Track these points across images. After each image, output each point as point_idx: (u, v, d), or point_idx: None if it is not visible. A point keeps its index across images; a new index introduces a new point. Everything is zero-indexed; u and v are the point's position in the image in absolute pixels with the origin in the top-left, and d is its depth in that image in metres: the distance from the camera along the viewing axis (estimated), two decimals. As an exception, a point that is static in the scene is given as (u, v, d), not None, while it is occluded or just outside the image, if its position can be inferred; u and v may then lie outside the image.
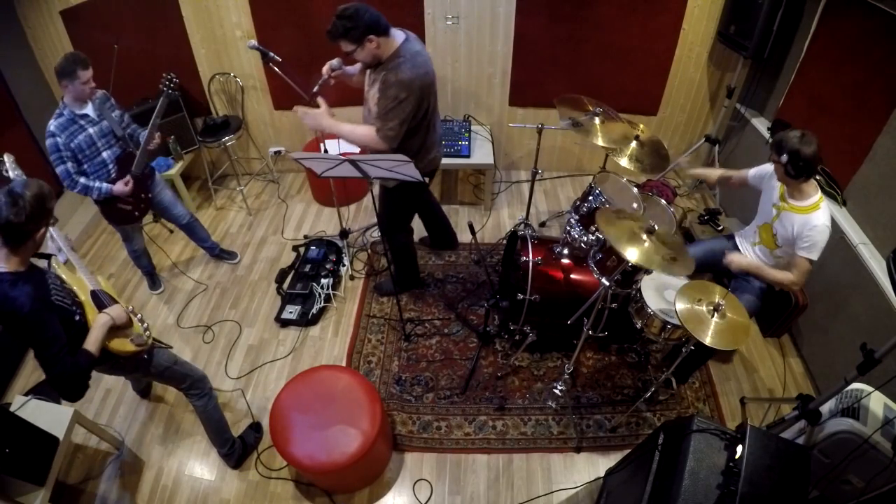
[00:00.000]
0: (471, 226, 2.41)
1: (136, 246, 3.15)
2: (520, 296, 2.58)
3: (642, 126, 3.04)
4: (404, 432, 2.64)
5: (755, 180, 2.50)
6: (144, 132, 2.74)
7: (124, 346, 1.85)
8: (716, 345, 1.97)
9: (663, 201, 3.00)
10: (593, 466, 2.50)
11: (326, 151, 3.20)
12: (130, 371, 2.13)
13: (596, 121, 2.78)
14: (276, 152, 4.30)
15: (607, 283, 2.26)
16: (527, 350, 2.89)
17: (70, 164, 2.56)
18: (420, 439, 2.62)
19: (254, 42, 2.70)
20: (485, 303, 3.03)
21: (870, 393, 1.89)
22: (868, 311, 2.42)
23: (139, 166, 2.77)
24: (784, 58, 3.29)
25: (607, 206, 2.61)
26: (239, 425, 2.66)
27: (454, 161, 3.69)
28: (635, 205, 2.71)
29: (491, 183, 3.95)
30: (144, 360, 2.05)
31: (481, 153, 3.77)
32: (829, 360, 2.70)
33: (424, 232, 3.57)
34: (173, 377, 2.21)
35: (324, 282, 3.32)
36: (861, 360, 1.73)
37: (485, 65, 3.77)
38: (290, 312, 3.19)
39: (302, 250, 3.67)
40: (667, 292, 2.39)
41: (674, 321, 2.17)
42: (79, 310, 1.79)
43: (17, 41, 3.56)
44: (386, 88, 2.25)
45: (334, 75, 2.47)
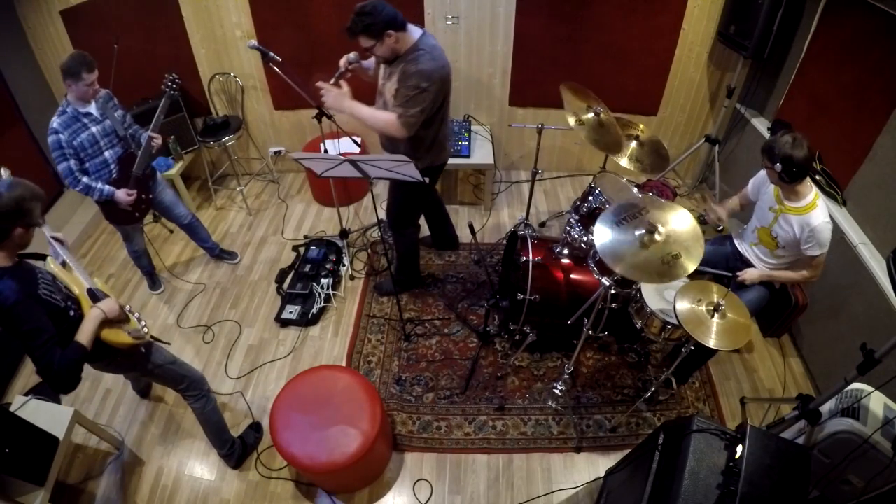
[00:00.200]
0: (471, 226, 2.41)
1: (136, 246, 3.15)
2: (520, 296, 2.58)
3: (642, 126, 3.04)
4: (404, 432, 2.64)
5: (754, 193, 2.51)
6: (146, 133, 2.74)
7: (121, 338, 1.85)
8: (717, 346, 1.97)
9: (663, 201, 2.99)
10: (593, 466, 2.51)
11: (326, 151, 3.20)
12: (129, 368, 2.13)
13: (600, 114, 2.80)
14: (276, 152, 4.30)
15: (607, 283, 2.26)
16: (527, 350, 2.89)
17: (72, 161, 2.56)
18: (420, 439, 2.62)
19: (254, 42, 2.70)
20: (485, 303, 3.04)
21: (870, 393, 1.89)
22: (868, 311, 2.43)
23: (140, 166, 2.77)
24: (784, 58, 3.29)
25: (607, 206, 2.61)
26: (239, 425, 2.66)
27: (454, 161, 3.69)
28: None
29: (491, 183, 3.95)
30: (142, 354, 2.06)
31: (481, 153, 3.77)
32: (829, 360, 2.70)
33: (425, 231, 3.56)
34: (171, 377, 2.21)
35: (324, 282, 3.32)
36: (861, 360, 1.73)
37: (485, 65, 3.77)
38: (290, 312, 3.19)
39: (302, 250, 3.67)
40: (667, 292, 2.39)
41: (674, 321, 2.17)
42: (73, 305, 1.80)
43: (17, 41, 3.56)
44: (406, 78, 2.28)
45: (351, 68, 2.49)
